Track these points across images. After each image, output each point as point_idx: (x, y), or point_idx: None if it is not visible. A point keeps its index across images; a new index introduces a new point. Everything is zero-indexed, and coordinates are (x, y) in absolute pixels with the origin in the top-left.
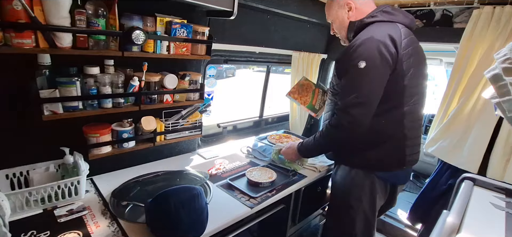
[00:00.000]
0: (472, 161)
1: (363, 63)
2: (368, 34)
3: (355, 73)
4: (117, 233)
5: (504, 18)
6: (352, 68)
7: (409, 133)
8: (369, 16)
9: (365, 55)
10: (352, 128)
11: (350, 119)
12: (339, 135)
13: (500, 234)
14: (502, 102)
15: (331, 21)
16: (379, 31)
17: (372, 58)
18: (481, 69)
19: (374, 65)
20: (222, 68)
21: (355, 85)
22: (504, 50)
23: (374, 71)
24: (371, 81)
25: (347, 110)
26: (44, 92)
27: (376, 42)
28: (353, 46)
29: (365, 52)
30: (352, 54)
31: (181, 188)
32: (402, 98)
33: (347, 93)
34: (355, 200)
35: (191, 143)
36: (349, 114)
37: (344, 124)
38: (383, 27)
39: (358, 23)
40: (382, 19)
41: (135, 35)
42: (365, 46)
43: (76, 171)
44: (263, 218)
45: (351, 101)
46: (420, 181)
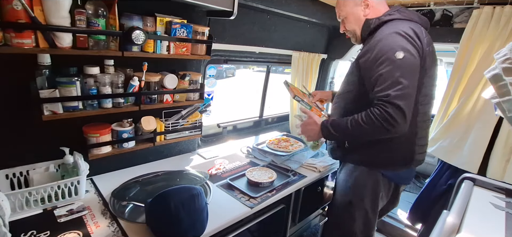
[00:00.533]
0: (472, 161)
1: (401, 53)
2: (392, 28)
3: (395, 64)
4: (117, 233)
5: (504, 18)
6: (390, 59)
7: (419, 132)
8: (386, 14)
9: (400, 46)
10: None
11: (399, 112)
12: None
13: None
14: (502, 102)
15: (343, 18)
16: (402, 26)
17: (408, 49)
18: (481, 69)
19: (411, 55)
20: (222, 68)
21: (397, 76)
22: (504, 50)
23: (412, 61)
24: (411, 71)
25: (394, 102)
26: (44, 92)
27: (405, 35)
28: (382, 38)
29: (400, 43)
30: (385, 44)
31: (181, 188)
32: (418, 96)
33: (389, 84)
34: (357, 198)
35: (191, 143)
36: (396, 106)
37: (393, 115)
38: (405, 24)
39: (376, 21)
40: (400, 17)
41: (135, 35)
42: (397, 38)
43: (76, 171)
44: (263, 218)
45: (397, 93)
46: (420, 181)
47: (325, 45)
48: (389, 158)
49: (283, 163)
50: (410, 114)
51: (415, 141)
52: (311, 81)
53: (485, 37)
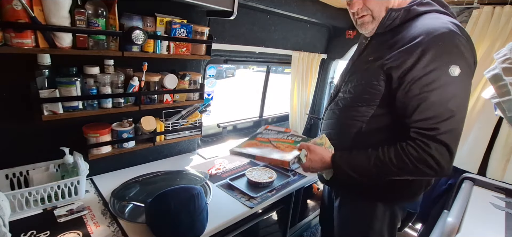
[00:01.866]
0: (472, 161)
1: (456, 68)
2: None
3: (447, 85)
4: (117, 233)
5: (504, 18)
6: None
7: None
8: (417, 3)
9: (456, 56)
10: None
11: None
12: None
13: (499, 233)
14: (502, 102)
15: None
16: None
17: (465, 61)
18: (481, 69)
19: (468, 72)
20: (222, 68)
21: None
22: (504, 50)
23: (468, 80)
24: (466, 94)
25: (441, 140)
26: (44, 92)
27: (460, 39)
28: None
29: (456, 52)
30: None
31: (181, 188)
32: None
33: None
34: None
35: (191, 143)
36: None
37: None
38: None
39: (404, 13)
40: (439, 9)
41: (135, 35)
42: (452, 44)
43: (76, 171)
44: (263, 218)
45: (447, 127)
46: None
47: (325, 45)
48: (408, 191)
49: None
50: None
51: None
52: (311, 81)
53: (485, 37)
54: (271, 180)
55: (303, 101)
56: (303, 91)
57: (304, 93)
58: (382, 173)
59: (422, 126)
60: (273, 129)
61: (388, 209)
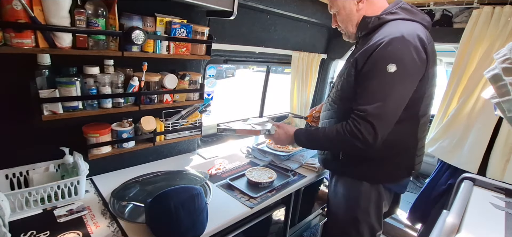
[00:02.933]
0: (471, 161)
1: (393, 66)
2: (395, 31)
3: (383, 78)
4: (117, 233)
5: (504, 18)
6: (379, 72)
7: (420, 143)
8: (387, 12)
9: (395, 57)
10: (371, 141)
11: (371, 130)
12: (356, 143)
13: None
14: (502, 102)
15: (335, 12)
16: (406, 29)
17: (404, 62)
18: (481, 69)
19: (405, 70)
20: (222, 68)
21: (381, 92)
22: (503, 50)
23: (405, 77)
24: (399, 89)
25: (368, 119)
26: (43, 92)
27: (407, 43)
28: (380, 45)
29: (396, 53)
30: (378, 52)
31: (181, 188)
32: (419, 107)
33: (371, 99)
34: (363, 214)
35: (191, 143)
36: (370, 124)
37: (363, 133)
38: (410, 25)
39: (375, 20)
40: (404, 16)
41: (135, 35)
42: (395, 47)
43: (75, 171)
44: (263, 218)
45: (375, 111)
46: (420, 181)
47: (325, 45)
48: (391, 171)
49: (283, 163)
50: (384, 135)
51: (416, 152)
52: (311, 81)
53: (484, 37)
54: (271, 180)
55: (303, 101)
56: (303, 91)
57: (304, 93)
58: (328, 143)
59: (357, 107)
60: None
61: (374, 189)
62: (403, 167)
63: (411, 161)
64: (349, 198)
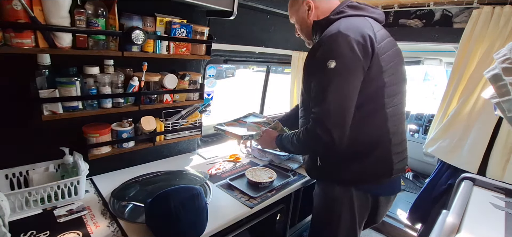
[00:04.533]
0: (471, 161)
1: (332, 62)
2: (334, 28)
3: (325, 75)
4: (116, 233)
5: (504, 18)
6: (321, 69)
7: (394, 138)
8: (335, 12)
9: (334, 53)
10: (328, 141)
11: (326, 130)
12: (316, 146)
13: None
14: (502, 102)
15: (294, 22)
16: (345, 25)
17: (342, 56)
18: (481, 69)
19: (345, 64)
20: (222, 68)
21: (326, 90)
22: (503, 50)
23: (346, 71)
24: (343, 84)
25: (320, 120)
26: (43, 92)
27: (344, 36)
28: (320, 45)
29: (334, 49)
30: (319, 52)
31: (180, 188)
32: (383, 98)
33: (318, 99)
34: (335, 216)
35: (191, 143)
36: (323, 124)
37: (320, 134)
38: (352, 21)
39: (324, 22)
40: (350, 13)
41: (134, 35)
42: (333, 42)
43: (75, 171)
44: (263, 218)
45: (324, 110)
46: (420, 181)
47: None
48: (362, 174)
49: (283, 163)
50: (341, 131)
51: (391, 149)
52: None
53: (484, 37)
54: (271, 180)
55: None
56: None
57: None
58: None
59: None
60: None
61: (346, 192)
62: (379, 167)
63: (387, 159)
64: (323, 200)
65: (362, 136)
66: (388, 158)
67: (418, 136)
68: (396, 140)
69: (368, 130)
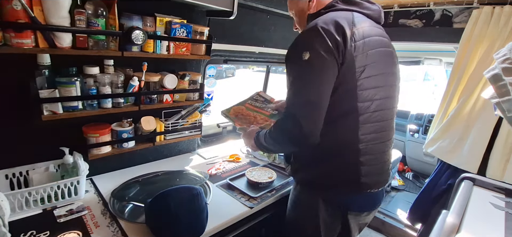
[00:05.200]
0: (471, 161)
1: (307, 54)
2: (315, 22)
3: (300, 67)
4: (116, 233)
5: (504, 18)
6: (296, 61)
7: (366, 149)
8: (326, 6)
9: (308, 44)
10: (298, 135)
11: (297, 124)
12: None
13: (499, 234)
14: (502, 102)
15: (293, 14)
16: (325, 18)
17: (315, 47)
18: (481, 69)
19: (318, 55)
20: (222, 68)
21: (299, 82)
22: (503, 50)
23: (320, 62)
24: (317, 74)
25: (292, 113)
26: (43, 92)
27: (320, 29)
28: (298, 36)
29: (308, 40)
30: (295, 44)
31: (180, 188)
32: (355, 102)
33: (292, 92)
34: (300, 219)
35: (191, 143)
36: (294, 117)
37: (290, 128)
38: (332, 14)
39: (316, 15)
40: (340, 7)
41: (134, 35)
42: (308, 34)
43: (75, 171)
44: (263, 218)
45: (296, 102)
46: (420, 181)
47: None
48: (329, 180)
49: (283, 163)
50: (312, 124)
51: (358, 160)
52: None
53: (484, 37)
54: (271, 180)
55: None
56: None
57: None
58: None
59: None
60: (263, 97)
61: (311, 197)
62: (343, 175)
63: (353, 173)
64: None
65: (330, 137)
66: (354, 170)
67: (418, 136)
68: (370, 151)
69: (335, 133)
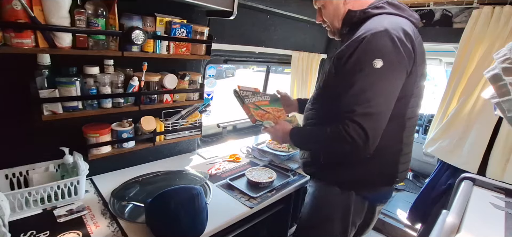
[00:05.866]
0: (471, 161)
1: (379, 61)
2: (379, 25)
3: (370, 75)
4: (116, 233)
5: (504, 18)
6: (365, 68)
7: (405, 148)
8: (373, 6)
9: (381, 52)
10: (361, 144)
11: (361, 132)
12: (346, 147)
13: (499, 233)
14: (502, 102)
15: (320, 6)
16: (390, 22)
17: (390, 57)
18: (481, 69)
19: (392, 66)
20: (222, 68)
21: (369, 90)
22: (503, 50)
23: (393, 73)
24: (388, 86)
25: (357, 121)
26: (43, 92)
27: (392, 37)
28: (363, 40)
29: (381, 47)
30: (363, 49)
31: (180, 188)
32: (406, 108)
33: (358, 98)
34: (325, 221)
35: (191, 143)
36: (359, 125)
37: (353, 136)
38: (395, 20)
39: (361, 14)
40: (391, 11)
41: (134, 35)
42: (380, 40)
43: (75, 171)
44: (263, 218)
45: (364, 111)
46: (419, 181)
47: (325, 45)
48: (366, 178)
49: (282, 163)
50: (377, 136)
51: (400, 159)
52: (311, 81)
53: (484, 37)
54: (271, 180)
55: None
56: (303, 91)
57: (304, 93)
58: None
59: (344, 109)
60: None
61: (344, 196)
62: (383, 174)
63: (393, 169)
64: (317, 202)
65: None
66: (393, 167)
67: (418, 136)
68: (406, 150)
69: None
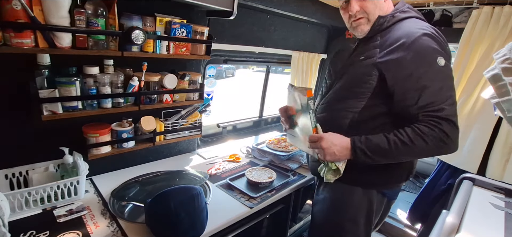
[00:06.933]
0: (471, 161)
1: (441, 59)
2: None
3: (439, 73)
4: (116, 233)
5: (504, 18)
6: (431, 65)
7: None
8: (399, 11)
9: (438, 51)
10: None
11: (455, 130)
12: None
13: (499, 233)
14: (502, 102)
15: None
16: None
17: (445, 55)
18: (481, 69)
19: (449, 62)
20: (222, 68)
21: (446, 87)
22: (503, 50)
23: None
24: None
25: (449, 118)
26: (43, 92)
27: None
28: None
29: (437, 46)
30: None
31: (180, 188)
32: None
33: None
34: (350, 223)
35: (191, 143)
36: (453, 123)
37: (450, 135)
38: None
39: (390, 18)
40: (416, 15)
41: (134, 35)
42: (432, 40)
43: (75, 171)
44: (263, 218)
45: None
46: (419, 181)
47: (324, 45)
48: (389, 177)
49: (282, 163)
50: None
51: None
52: (311, 81)
53: (484, 37)
54: (271, 180)
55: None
56: None
57: None
58: (401, 153)
59: (430, 108)
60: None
61: (366, 196)
62: (402, 171)
63: (411, 164)
64: (336, 205)
65: None
66: (411, 162)
67: None
68: None
69: None
